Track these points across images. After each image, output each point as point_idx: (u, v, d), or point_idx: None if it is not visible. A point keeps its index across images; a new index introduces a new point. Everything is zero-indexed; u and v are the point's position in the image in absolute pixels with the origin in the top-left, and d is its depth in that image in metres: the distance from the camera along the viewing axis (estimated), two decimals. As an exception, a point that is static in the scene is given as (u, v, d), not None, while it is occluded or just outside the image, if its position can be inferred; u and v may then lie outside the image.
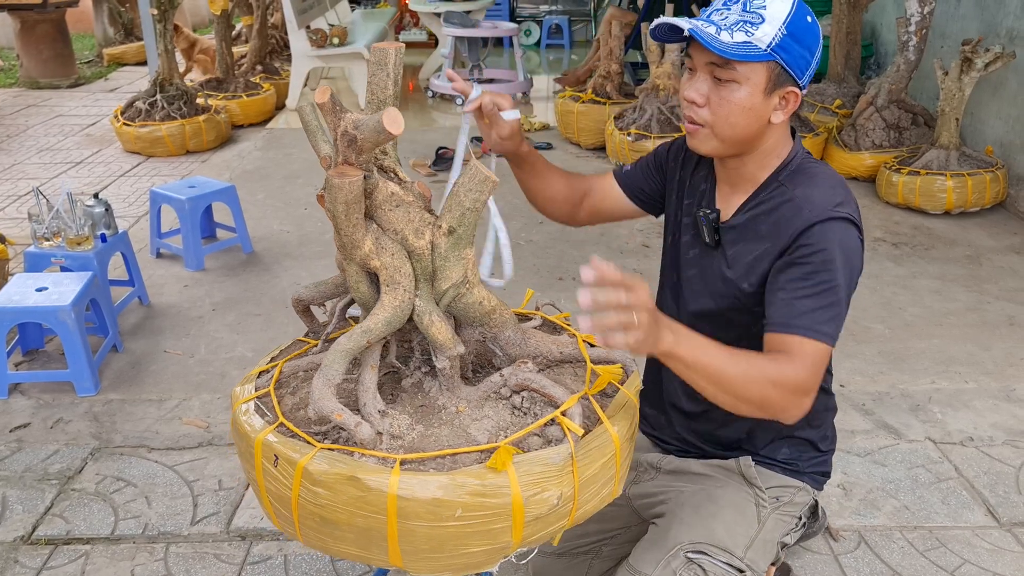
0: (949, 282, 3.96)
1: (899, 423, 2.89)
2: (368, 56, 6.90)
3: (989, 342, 3.43)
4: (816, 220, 1.46)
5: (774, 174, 1.57)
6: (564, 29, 10.55)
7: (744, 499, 1.66)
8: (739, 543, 1.58)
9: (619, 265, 1.19)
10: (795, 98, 1.50)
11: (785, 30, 1.43)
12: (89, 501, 2.52)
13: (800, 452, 1.73)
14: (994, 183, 4.63)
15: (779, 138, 1.56)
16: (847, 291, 1.47)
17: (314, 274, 3.97)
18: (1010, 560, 2.29)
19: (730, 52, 1.41)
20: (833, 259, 1.45)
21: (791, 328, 1.43)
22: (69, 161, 5.89)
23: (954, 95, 4.64)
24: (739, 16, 1.44)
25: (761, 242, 1.54)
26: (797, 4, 1.45)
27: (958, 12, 5.49)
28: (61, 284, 3.06)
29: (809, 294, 1.44)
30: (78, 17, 10.10)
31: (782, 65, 1.45)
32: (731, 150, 1.54)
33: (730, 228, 1.61)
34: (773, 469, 1.72)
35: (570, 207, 1.86)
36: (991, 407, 2.99)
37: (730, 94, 1.46)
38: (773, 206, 1.55)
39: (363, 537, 1.21)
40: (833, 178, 1.56)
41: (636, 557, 1.59)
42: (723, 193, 1.66)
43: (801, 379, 1.39)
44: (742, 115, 1.47)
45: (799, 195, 1.51)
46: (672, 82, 5.47)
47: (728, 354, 1.34)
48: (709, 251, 1.64)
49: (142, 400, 3.02)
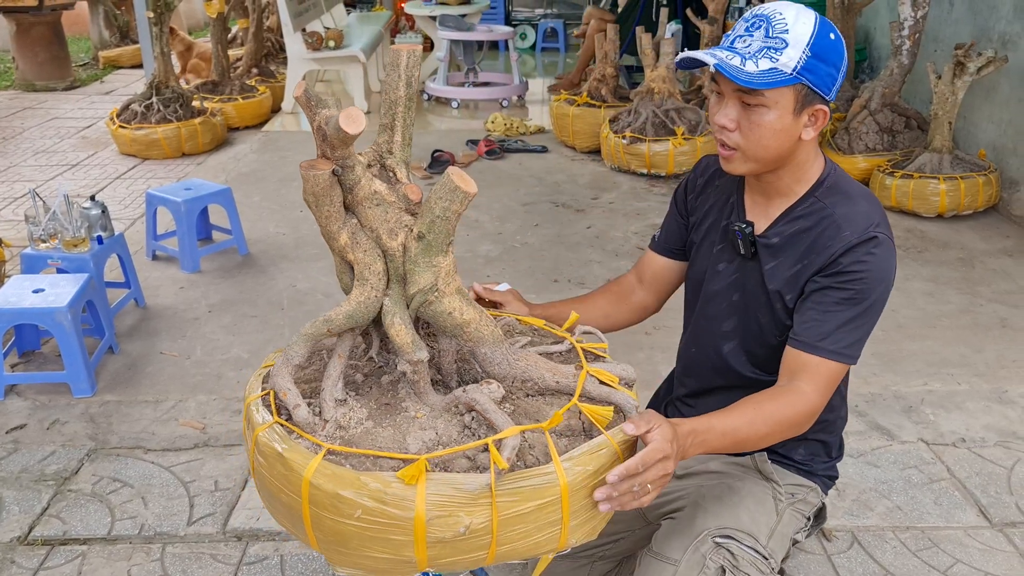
0: (942, 285, 3.98)
1: (892, 424, 2.91)
2: (363, 60, 6.94)
3: (981, 344, 3.45)
4: (856, 242, 1.51)
5: (811, 189, 1.60)
6: (559, 33, 10.58)
7: (763, 491, 1.69)
8: (762, 531, 1.61)
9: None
10: (824, 115, 1.52)
11: (809, 52, 1.44)
12: (86, 502, 2.52)
13: (814, 455, 1.78)
14: (987, 186, 4.66)
15: (810, 152, 1.59)
16: (878, 308, 1.54)
17: (310, 276, 3.98)
18: (1002, 560, 2.30)
19: (757, 83, 1.42)
20: (869, 280, 1.51)
21: (815, 349, 1.51)
22: (65, 163, 5.90)
23: (947, 99, 4.67)
24: (762, 43, 1.45)
25: (801, 259, 1.58)
26: (819, 23, 1.46)
27: (951, 16, 5.53)
28: (57, 286, 3.06)
29: (842, 314, 1.51)
30: (74, 20, 10.11)
31: (808, 85, 1.46)
32: (766, 168, 1.58)
33: (768, 244, 1.63)
34: (788, 468, 1.77)
35: (628, 308, 1.90)
36: (983, 408, 3.01)
37: (760, 118, 1.48)
38: (812, 223, 1.58)
39: (290, 515, 1.25)
40: (868, 196, 1.61)
41: (661, 544, 1.59)
42: (755, 204, 1.68)
43: (812, 405, 1.50)
44: (773, 137, 1.50)
45: (839, 214, 1.55)
46: (667, 86, 5.49)
47: (744, 421, 1.44)
48: (745, 262, 1.67)
49: (138, 401, 3.03)
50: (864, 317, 1.52)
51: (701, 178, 1.80)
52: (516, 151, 6.05)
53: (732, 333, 1.73)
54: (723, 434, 1.41)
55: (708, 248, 1.75)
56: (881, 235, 1.52)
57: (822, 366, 1.50)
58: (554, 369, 1.40)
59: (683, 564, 1.53)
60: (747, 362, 1.71)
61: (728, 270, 1.70)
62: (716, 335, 1.75)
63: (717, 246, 1.72)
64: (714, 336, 1.76)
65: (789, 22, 1.44)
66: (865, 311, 1.51)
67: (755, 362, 1.69)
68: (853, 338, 1.51)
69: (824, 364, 1.50)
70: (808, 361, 1.51)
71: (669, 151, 5.32)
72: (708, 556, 1.54)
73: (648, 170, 5.43)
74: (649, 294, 1.90)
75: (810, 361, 1.51)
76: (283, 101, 7.21)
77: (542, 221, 4.75)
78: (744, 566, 1.54)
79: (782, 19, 1.44)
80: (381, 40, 8.21)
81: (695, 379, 1.83)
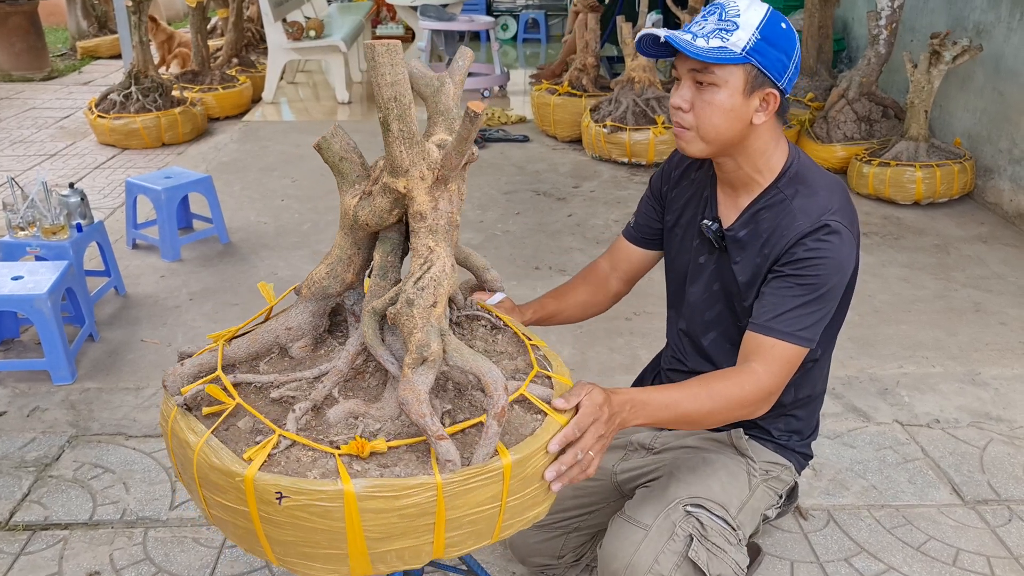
0: (917, 270, 4.04)
1: (868, 406, 2.95)
2: (344, 50, 6.91)
3: (955, 328, 3.50)
4: (808, 230, 1.56)
5: (775, 180, 1.65)
6: (541, 23, 10.59)
7: (737, 465, 1.74)
8: (733, 503, 1.66)
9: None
10: (775, 99, 1.57)
11: (759, 35, 1.51)
12: (67, 487, 2.52)
13: (792, 431, 1.82)
14: (962, 174, 4.72)
15: (768, 141, 1.63)
16: (835, 294, 1.59)
17: (292, 264, 3.98)
18: (973, 536, 2.35)
19: (705, 55, 1.50)
20: (822, 267, 1.55)
21: (769, 331, 1.55)
22: (43, 153, 5.85)
23: (923, 87, 4.72)
24: (715, 25, 1.53)
25: (761, 250, 1.64)
26: (770, 12, 1.54)
27: (927, 6, 5.58)
28: (37, 273, 3.05)
29: (794, 298, 1.56)
30: (51, 10, 10.01)
31: (758, 67, 1.52)
32: (718, 150, 1.62)
33: (735, 238, 1.68)
34: (765, 444, 1.81)
35: (604, 296, 1.95)
36: (957, 390, 3.06)
37: (711, 96, 1.54)
38: (773, 215, 1.63)
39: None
40: (831, 185, 1.65)
41: (633, 509, 1.65)
42: (725, 198, 1.72)
43: (762, 384, 1.53)
44: (723, 116, 1.55)
45: (796, 205, 1.60)
46: (647, 75, 5.52)
47: (687, 394, 1.48)
48: (721, 255, 1.72)
49: (119, 389, 3.03)
50: (818, 303, 1.56)
51: (676, 170, 1.85)
52: (497, 140, 6.06)
53: (715, 322, 1.77)
54: (665, 406, 1.45)
55: (688, 243, 1.80)
56: (834, 223, 1.56)
57: (776, 348, 1.54)
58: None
59: (653, 529, 1.57)
60: (729, 352, 1.75)
61: (708, 262, 1.76)
62: (700, 323, 1.80)
63: (695, 241, 1.78)
64: (698, 325, 1.81)
65: (741, 9, 1.52)
66: (819, 297, 1.55)
67: (737, 351, 1.73)
68: (806, 322, 1.55)
69: (777, 346, 1.54)
70: (762, 342, 1.55)
71: (649, 140, 5.35)
72: (678, 524, 1.58)
73: (629, 159, 5.46)
74: (621, 282, 1.96)
75: (764, 342, 1.55)
76: (263, 91, 7.18)
77: (523, 210, 4.77)
78: (712, 535, 1.58)
79: (735, 6, 1.53)
80: (362, 30, 8.18)
81: (684, 360, 1.87)
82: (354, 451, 1.21)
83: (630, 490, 1.82)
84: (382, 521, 1.18)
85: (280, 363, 1.47)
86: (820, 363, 1.79)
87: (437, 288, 1.29)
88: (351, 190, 1.38)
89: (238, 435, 1.29)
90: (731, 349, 1.74)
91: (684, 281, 1.83)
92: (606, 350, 3.29)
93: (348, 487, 1.15)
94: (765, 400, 1.55)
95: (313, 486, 1.16)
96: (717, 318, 1.77)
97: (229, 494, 1.22)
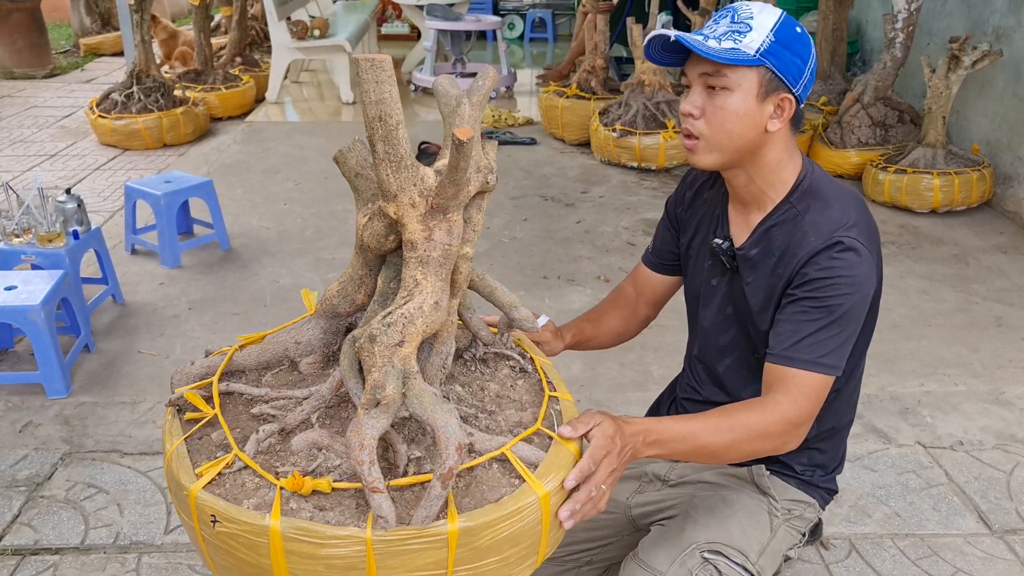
0: (936, 282, 3.93)
1: (888, 427, 2.85)
2: (349, 49, 6.82)
3: (977, 343, 3.40)
4: (820, 248, 1.46)
5: (787, 196, 1.55)
6: (548, 23, 10.48)
7: (757, 505, 1.64)
8: (753, 547, 1.56)
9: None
10: (790, 105, 1.48)
11: (773, 37, 1.44)
12: (58, 509, 2.43)
13: (816, 464, 1.72)
14: (981, 182, 4.61)
15: (782, 152, 1.53)
16: (855, 315, 1.47)
17: (294, 271, 3.88)
18: (1003, 568, 2.25)
19: (717, 55, 1.42)
20: (837, 286, 1.44)
21: (790, 361, 1.45)
22: (43, 154, 5.76)
23: (941, 93, 4.61)
24: (728, 27, 1.46)
25: (773, 270, 1.53)
26: (784, 16, 1.47)
27: (944, 9, 5.47)
28: (31, 283, 2.96)
29: (811, 323, 1.45)
30: (54, 6, 9.92)
31: (772, 71, 1.44)
32: (731, 161, 1.52)
33: (746, 257, 1.59)
34: (788, 480, 1.71)
35: (635, 323, 1.91)
36: (980, 410, 2.96)
37: (723, 101, 1.46)
38: (784, 233, 1.53)
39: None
40: (846, 198, 1.54)
41: (647, 552, 1.55)
42: (737, 215, 1.63)
43: (786, 415, 1.42)
44: (737, 122, 1.46)
45: (807, 221, 1.50)
46: (657, 78, 5.41)
47: (706, 425, 1.38)
48: (733, 276, 1.63)
49: (115, 403, 2.93)
50: (838, 326, 1.44)
51: (689, 191, 1.77)
52: (504, 143, 5.96)
53: (729, 347, 1.68)
54: (681, 437, 1.36)
55: (700, 264, 1.72)
56: (848, 239, 1.45)
57: (798, 378, 1.44)
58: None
59: None
60: (744, 380, 1.66)
61: (720, 284, 1.66)
62: (714, 349, 1.71)
63: (707, 262, 1.69)
64: (712, 351, 1.72)
65: (755, 12, 1.46)
66: (838, 319, 1.44)
67: (753, 379, 1.63)
68: (827, 348, 1.44)
69: (799, 376, 1.44)
70: (782, 374, 1.45)
71: (660, 144, 5.25)
72: (694, 571, 1.49)
73: (639, 163, 5.36)
74: (649, 307, 1.91)
75: (784, 374, 1.45)
76: (267, 91, 7.08)
77: (531, 216, 4.67)
78: None
79: (748, 8, 1.47)
80: (368, 29, 8.09)
81: (698, 389, 1.78)
82: (291, 487, 1.13)
83: (645, 524, 1.73)
84: (308, 567, 1.11)
85: (286, 376, 1.41)
86: (844, 393, 1.69)
87: (407, 326, 1.20)
88: (364, 208, 1.30)
89: (208, 447, 1.24)
90: (748, 376, 1.65)
91: (698, 305, 1.74)
92: (617, 366, 3.19)
93: (275, 524, 1.09)
94: (791, 432, 1.44)
95: (242, 516, 1.11)
96: (732, 344, 1.67)
97: (182, 506, 1.19)
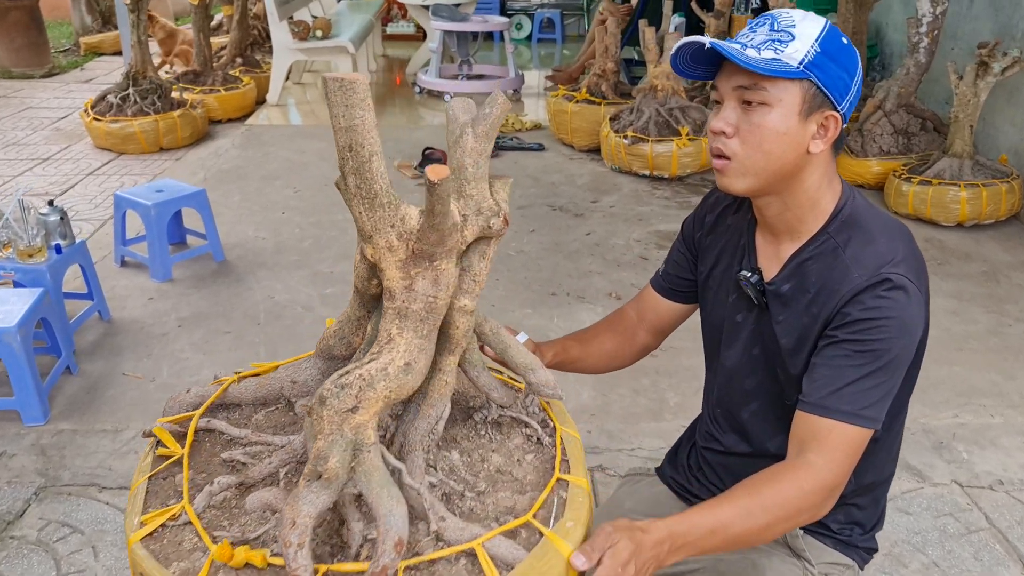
0: (966, 302, 3.73)
1: (922, 463, 2.66)
2: (352, 51, 6.63)
3: (1013, 370, 3.20)
4: (865, 286, 1.28)
5: (824, 225, 1.36)
6: (556, 23, 10.29)
7: (791, 571, 1.48)
8: None
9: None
10: (836, 123, 1.30)
11: (818, 47, 1.26)
12: (29, 552, 2.25)
13: (853, 521, 1.54)
14: (1010, 194, 4.41)
15: (821, 177, 1.35)
16: (902, 361, 1.29)
17: (290, 287, 3.70)
18: (1054, 630, 2.06)
19: (758, 66, 1.23)
20: (883, 329, 1.27)
21: (825, 411, 1.28)
22: (35, 157, 5.59)
23: (968, 101, 4.41)
24: (767, 36, 1.28)
25: (809, 308, 1.35)
26: (829, 25, 1.29)
27: (970, 12, 5.26)
28: (7, 303, 2.78)
29: (854, 369, 1.27)
30: (55, 4, 9.77)
31: (817, 85, 1.26)
32: (766, 186, 1.33)
33: (777, 293, 1.40)
34: (824, 541, 1.53)
35: (631, 349, 1.71)
36: (1019, 445, 2.76)
37: (761, 118, 1.28)
38: (821, 267, 1.34)
39: None
40: (892, 230, 1.35)
41: None
42: (766, 246, 1.44)
43: (824, 481, 1.26)
44: (776, 141, 1.28)
45: (849, 255, 1.32)
46: (671, 83, 5.22)
47: (737, 512, 1.21)
48: (761, 313, 1.44)
49: (95, 431, 2.75)
50: (882, 374, 1.27)
51: (711, 215, 1.58)
52: (511, 149, 5.77)
53: (755, 392, 1.50)
54: (711, 532, 1.18)
55: (724, 297, 1.53)
56: (896, 276, 1.27)
57: (834, 432, 1.26)
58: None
59: None
60: (771, 429, 1.48)
61: (747, 321, 1.48)
62: (738, 393, 1.53)
63: (731, 295, 1.50)
64: (735, 395, 1.53)
65: (796, 20, 1.29)
66: (884, 367, 1.27)
67: (780, 429, 1.44)
68: (870, 398, 1.27)
69: (836, 429, 1.26)
70: (819, 426, 1.27)
71: (673, 152, 5.05)
72: None
73: (651, 171, 5.16)
74: (651, 335, 1.72)
75: (821, 426, 1.27)
76: (268, 93, 6.90)
77: (538, 226, 4.48)
78: None
79: (789, 16, 1.30)
80: (372, 30, 7.91)
81: (719, 437, 1.59)
82: (220, 557, 0.99)
83: None
84: None
85: (279, 417, 1.29)
86: (884, 443, 1.50)
87: (365, 390, 1.03)
88: (361, 244, 1.14)
89: (168, 489, 1.15)
90: (775, 425, 1.47)
91: (719, 343, 1.55)
92: (630, 392, 3.00)
93: None
94: (829, 498, 1.28)
95: None
96: (757, 388, 1.49)
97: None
